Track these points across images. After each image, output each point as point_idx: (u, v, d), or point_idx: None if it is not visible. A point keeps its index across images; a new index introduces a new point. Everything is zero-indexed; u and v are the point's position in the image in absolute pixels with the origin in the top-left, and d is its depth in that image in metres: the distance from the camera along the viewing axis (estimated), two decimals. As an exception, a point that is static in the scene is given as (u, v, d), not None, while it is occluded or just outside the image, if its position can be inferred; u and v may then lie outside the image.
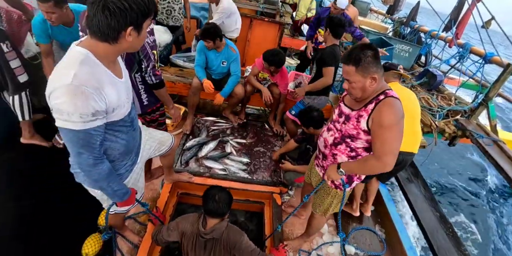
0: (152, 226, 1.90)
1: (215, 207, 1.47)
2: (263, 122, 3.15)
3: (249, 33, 4.36)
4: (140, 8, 0.96)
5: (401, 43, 4.68)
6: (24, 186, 2.19)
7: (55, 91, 0.93)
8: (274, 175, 2.46)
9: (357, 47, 1.31)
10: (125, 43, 1.01)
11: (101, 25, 0.93)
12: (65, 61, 0.99)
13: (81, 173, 1.23)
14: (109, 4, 0.91)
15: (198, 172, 2.30)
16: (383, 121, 1.26)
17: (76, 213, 2.06)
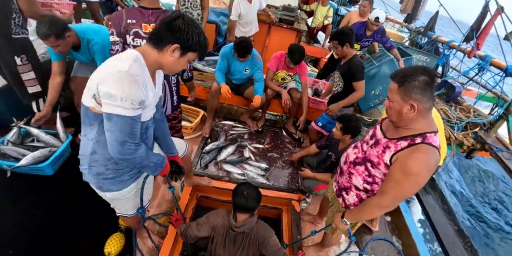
0: (173, 228, 1.93)
1: (244, 202, 1.50)
2: (281, 128, 3.17)
3: (267, 39, 4.41)
4: (194, 39, 1.09)
5: (419, 53, 4.66)
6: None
7: (110, 77, 0.99)
8: (292, 181, 2.47)
9: (415, 67, 1.19)
10: (166, 57, 1.11)
11: (159, 32, 1.08)
12: (118, 56, 1.08)
13: (88, 174, 1.25)
14: (178, 21, 1.07)
15: (217, 176, 2.33)
16: (408, 168, 1.13)
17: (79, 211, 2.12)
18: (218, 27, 4.52)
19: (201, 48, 1.14)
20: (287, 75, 2.93)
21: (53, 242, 1.94)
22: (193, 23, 1.10)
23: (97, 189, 1.32)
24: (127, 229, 2.04)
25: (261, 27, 4.27)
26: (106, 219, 2.05)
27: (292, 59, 2.65)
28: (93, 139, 1.15)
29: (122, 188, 1.32)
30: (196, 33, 1.09)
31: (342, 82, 2.45)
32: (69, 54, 2.22)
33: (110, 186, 1.29)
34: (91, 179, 1.27)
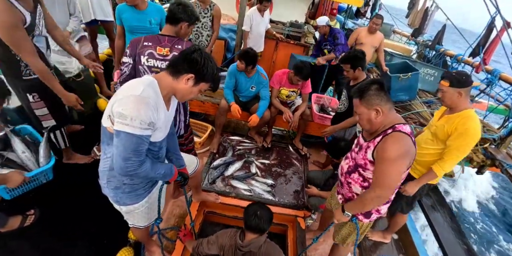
0: (181, 243, 1.98)
1: (256, 223, 1.52)
2: (287, 143, 3.22)
3: (274, 55, 4.53)
4: (209, 71, 1.21)
5: (426, 67, 4.68)
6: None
7: (124, 99, 1.09)
8: (298, 198, 2.50)
9: (365, 82, 1.43)
10: (180, 84, 1.21)
11: (177, 62, 1.19)
12: (136, 81, 1.19)
13: (107, 188, 1.34)
14: (196, 53, 1.18)
15: (224, 192, 2.39)
16: (385, 154, 1.29)
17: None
18: (227, 43, 4.67)
19: (213, 80, 1.27)
20: (291, 92, 3.01)
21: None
22: (208, 57, 1.21)
23: (115, 203, 1.41)
24: (136, 243, 2.11)
25: (268, 43, 4.40)
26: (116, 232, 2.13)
27: (301, 76, 2.73)
28: (110, 156, 1.23)
29: (137, 201, 1.41)
30: (210, 66, 1.21)
31: (347, 102, 2.50)
32: (126, 19, 2.60)
33: (126, 200, 1.38)
34: (109, 193, 1.36)
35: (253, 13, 4.03)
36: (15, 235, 1.97)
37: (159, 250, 2.03)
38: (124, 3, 2.62)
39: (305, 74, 2.72)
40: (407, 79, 4.05)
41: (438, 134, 1.86)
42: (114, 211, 1.53)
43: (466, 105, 1.80)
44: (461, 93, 1.73)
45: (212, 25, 3.69)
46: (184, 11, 1.81)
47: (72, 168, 2.55)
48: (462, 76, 1.75)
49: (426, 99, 4.24)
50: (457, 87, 1.72)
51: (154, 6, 2.73)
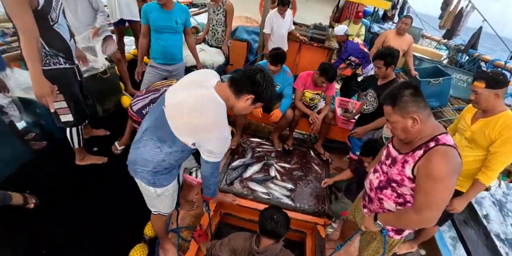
0: (195, 243, 1.94)
1: (273, 228, 1.45)
2: (309, 148, 3.12)
3: (297, 57, 4.45)
4: (268, 94, 1.30)
5: (459, 72, 4.41)
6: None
7: (216, 139, 1.27)
8: (318, 204, 2.38)
9: (395, 86, 1.26)
10: (240, 103, 1.29)
11: (241, 82, 1.25)
12: (220, 113, 1.25)
13: (146, 173, 1.42)
14: (258, 76, 1.25)
15: (242, 194, 2.32)
16: (432, 172, 1.12)
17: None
18: (249, 45, 4.66)
19: (269, 100, 1.36)
20: (315, 95, 2.92)
21: (80, 251, 2.00)
22: (270, 80, 1.29)
23: (151, 185, 1.47)
24: (150, 240, 2.09)
25: (291, 45, 4.34)
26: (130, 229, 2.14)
27: (326, 77, 2.65)
28: (167, 152, 1.35)
29: (170, 181, 1.51)
30: (270, 89, 1.29)
31: (376, 103, 2.38)
32: (153, 19, 2.61)
33: (163, 181, 1.47)
34: (148, 177, 1.42)
35: (273, 16, 4.00)
36: (27, 234, 2.02)
37: (173, 248, 2.01)
38: (152, 3, 2.66)
39: (330, 75, 2.64)
40: (438, 84, 3.83)
41: (478, 140, 1.70)
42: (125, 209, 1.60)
43: (503, 106, 1.65)
44: (498, 95, 1.59)
45: (225, 20, 3.72)
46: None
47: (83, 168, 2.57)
48: (499, 75, 1.61)
49: (458, 106, 3.99)
50: (494, 88, 1.58)
51: (180, 6, 2.76)
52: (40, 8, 1.73)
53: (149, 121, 1.39)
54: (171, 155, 1.37)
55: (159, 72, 2.80)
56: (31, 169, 2.50)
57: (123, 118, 2.97)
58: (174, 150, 1.34)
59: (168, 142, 1.31)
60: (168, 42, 2.75)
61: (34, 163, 2.55)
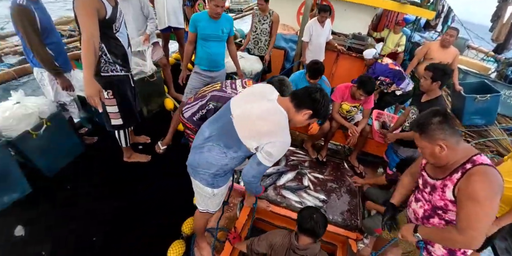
0: (229, 245, 2.02)
1: (313, 226, 1.50)
2: (342, 159, 3.10)
3: (334, 67, 4.44)
4: (325, 111, 1.41)
5: (509, 89, 4.14)
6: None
7: (278, 144, 1.36)
8: (351, 218, 2.37)
9: (424, 113, 1.30)
10: (299, 116, 1.40)
11: (302, 97, 1.38)
12: (283, 121, 1.37)
13: (208, 175, 1.55)
14: (318, 94, 1.36)
15: (276, 201, 2.38)
16: (473, 193, 1.12)
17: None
18: (286, 53, 4.73)
19: (324, 117, 1.48)
20: (353, 107, 2.90)
21: (121, 244, 2.14)
22: (327, 99, 1.40)
23: (209, 186, 1.59)
24: (187, 238, 2.21)
25: (328, 55, 4.34)
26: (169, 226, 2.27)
27: (364, 90, 2.63)
28: (231, 157, 1.48)
29: (225, 183, 1.64)
30: (327, 106, 1.40)
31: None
32: (201, 27, 2.73)
33: (220, 183, 1.60)
34: (208, 179, 1.55)
35: (312, 24, 4.03)
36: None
37: (208, 247, 2.09)
38: (202, 12, 2.82)
39: (369, 88, 2.62)
40: (485, 101, 3.63)
41: None
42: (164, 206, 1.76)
43: None
44: None
45: (270, 30, 3.80)
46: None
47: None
48: None
49: (507, 125, 3.74)
50: None
51: (225, 17, 2.90)
52: (107, 18, 1.91)
53: (213, 129, 1.51)
54: (234, 160, 1.50)
55: (203, 78, 2.95)
56: (83, 162, 2.75)
57: (166, 119, 3.18)
58: (238, 155, 1.47)
59: (234, 148, 1.44)
60: (213, 50, 2.90)
61: (85, 156, 2.80)
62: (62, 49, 2.53)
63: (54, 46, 2.36)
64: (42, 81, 2.51)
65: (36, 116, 2.41)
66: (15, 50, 5.17)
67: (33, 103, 2.42)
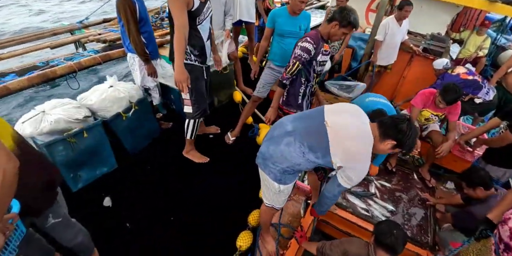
0: (296, 243, 2.06)
1: (393, 243, 1.46)
2: (411, 170, 2.93)
3: (407, 69, 4.16)
4: (409, 143, 1.34)
5: None
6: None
7: (359, 170, 1.38)
8: (421, 233, 2.25)
9: None
10: (382, 145, 1.38)
11: (389, 125, 1.35)
12: (369, 148, 1.37)
13: (277, 170, 1.55)
14: (405, 125, 1.32)
15: (341, 205, 2.35)
16: None
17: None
18: (354, 51, 4.54)
19: (409, 148, 1.40)
20: (434, 115, 2.70)
21: (192, 227, 2.29)
22: (415, 130, 1.34)
23: (277, 182, 1.60)
24: (253, 229, 2.29)
25: (401, 55, 4.07)
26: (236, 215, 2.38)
27: (444, 98, 2.43)
28: (308, 160, 1.46)
29: (292, 181, 1.64)
30: (413, 138, 1.33)
31: (505, 123, 2.11)
32: (279, 23, 2.75)
33: (286, 180, 1.60)
34: (277, 173, 1.56)
35: (389, 22, 3.78)
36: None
37: (273, 242, 2.15)
38: (282, 8, 2.82)
39: (450, 97, 2.41)
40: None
41: None
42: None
43: None
44: None
45: None
46: (340, 12, 2.04)
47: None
48: None
49: None
50: None
51: (304, 13, 2.86)
52: (193, 9, 2.03)
53: (297, 125, 1.50)
54: (309, 163, 1.47)
55: (276, 73, 2.98)
56: (160, 145, 2.99)
57: (234, 111, 3.30)
58: (316, 161, 1.44)
59: (318, 154, 1.42)
60: (289, 46, 2.87)
61: (161, 140, 3.04)
62: (153, 38, 2.74)
63: (147, 34, 2.58)
64: (133, 65, 2.77)
65: (126, 100, 2.67)
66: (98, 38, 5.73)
67: (124, 87, 2.68)
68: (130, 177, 2.65)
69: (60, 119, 2.23)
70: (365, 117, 1.46)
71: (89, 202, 2.38)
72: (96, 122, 2.45)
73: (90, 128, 2.39)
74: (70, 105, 2.39)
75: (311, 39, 2.16)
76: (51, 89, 5.04)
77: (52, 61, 3.20)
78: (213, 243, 2.21)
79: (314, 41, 2.17)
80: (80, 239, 1.65)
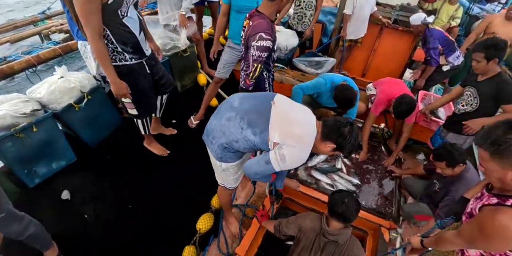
0: (257, 222, 2.04)
1: (344, 211, 1.44)
2: (380, 142, 2.91)
3: (376, 42, 4.05)
4: (349, 147, 1.31)
5: None
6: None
7: (296, 151, 1.32)
8: (385, 205, 2.26)
9: (498, 126, 0.98)
10: (322, 146, 1.34)
11: (331, 127, 1.31)
12: (311, 139, 1.33)
13: (217, 147, 1.51)
14: (346, 129, 1.28)
15: (306, 182, 2.33)
16: (483, 228, 1.01)
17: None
18: (324, 26, 4.40)
19: (349, 152, 1.36)
20: None
21: (153, 216, 2.24)
22: (356, 135, 1.31)
23: (218, 159, 1.58)
24: (216, 211, 2.27)
25: (371, 29, 3.95)
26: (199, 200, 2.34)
27: (395, 110, 2.37)
28: (244, 137, 1.41)
29: (235, 160, 1.59)
30: (353, 142, 1.30)
31: (477, 102, 2.06)
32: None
33: (228, 159, 1.56)
34: (217, 151, 1.52)
35: None
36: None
37: (236, 222, 2.15)
38: None
39: (399, 112, 2.35)
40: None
41: None
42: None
43: None
44: None
45: (316, 3, 3.51)
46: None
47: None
48: None
49: None
50: None
51: None
52: (110, 2, 1.61)
53: (244, 102, 1.45)
54: (246, 142, 1.42)
55: (236, 52, 2.84)
56: (122, 134, 2.87)
57: (199, 94, 3.17)
58: (252, 139, 1.39)
59: (256, 130, 1.36)
60: (247, 23, 2.75)
61: (123, 129, 2.92)
62: None
63: None
64: (85, 53, 2.57)
65: (78, 90, 2.51)
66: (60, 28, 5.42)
67: (75, 77, 2.52)
68: (90, 169, 2.55)
69: (6, 115, 2.11)
70: (313, 116, 1.44)
71: (47, 197, 2.29)
72: (46, 115, 2.31)
73: (39, 122, 2.26)
74: (18, 99, 2.25)
75: (267, 35, 1.88)
76: (15, 86, 4.80)
77: (10, 57, 3.04)
78: (175, 229, 2.17)
79: (270, 35, 1.91)
80: (32, 230, 1.59)
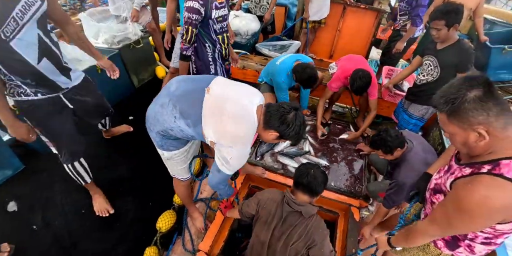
0: (221, 215, 1.92)
1: (309, 181, 1.35)
2: (348, 122, 2.84)
3: (340, 21, 3.96)
4: (293, 135, 1.21)
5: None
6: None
7: (236, 152, 1.23)
8: (354, 185, 2.19)
9: (454, 83, 0.88)
10: (266, 134, 1.25)
11: (271, 117, 1.20)
12: (250, 132, 1.22)
13: (156, 135, 1.41)
14: (289, 115, 1.19)
15: (272, 168, 2.22)
16: (460, 202, 0.88)
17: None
18: (287, 10, 4.27)
19: (295, 140, 1.28)
20: None
21: (110, 219, 2.04)
22: (300, 122, 1.21)
23: (159, 147, 1.47)
24: (179, 208, 2.13)
25: (334, 8, 3.85)
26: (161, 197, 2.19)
27: (351, 88, 2.28)
28: (178, 127, 1.29)
29: (178, 148, 1.47)
30: (297, 130, 1.21)
31: (438, 72, 2.01)
32: None
33: (170, 146, 1.44)
34: (156, 138, 1.41)
35: None
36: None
37: (200, 217, 2.03)
38: None
39: (356, 87, 2.24)
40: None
41: None
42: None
43: None
44: None
45: None
46: None
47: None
48: None
49: (539, 79, 3.31)
50: None
51: None
52: None
53: (181, 86, 1.29)
54: (181, 132, 1.31)
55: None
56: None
57: (158, 88, 2.97)
58: (188, 131, 1.28)
59: (189, 121, 1.24)
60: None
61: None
62: None
63: None
64: None
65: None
66: None
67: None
68: (40, 176, 2.32)
69: None
70: (257, 98, 1.26)
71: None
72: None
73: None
74: None
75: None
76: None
77: None
78: (136, 229, 2.01)
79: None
80: None
